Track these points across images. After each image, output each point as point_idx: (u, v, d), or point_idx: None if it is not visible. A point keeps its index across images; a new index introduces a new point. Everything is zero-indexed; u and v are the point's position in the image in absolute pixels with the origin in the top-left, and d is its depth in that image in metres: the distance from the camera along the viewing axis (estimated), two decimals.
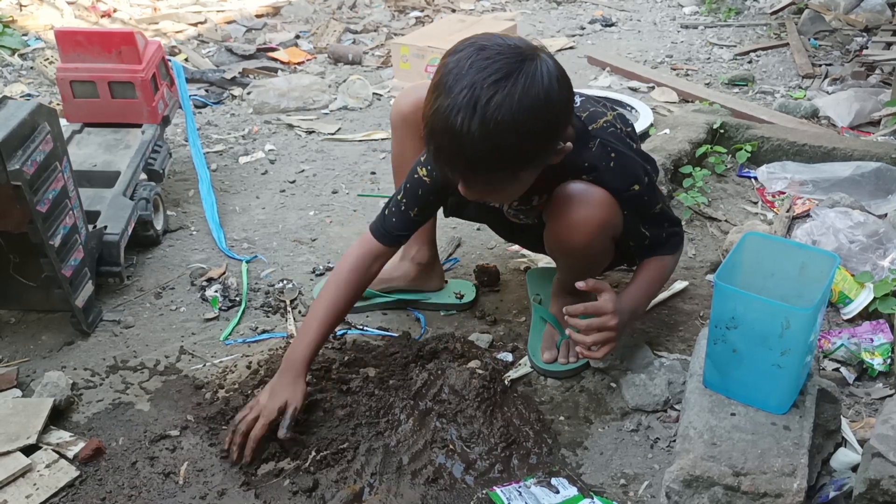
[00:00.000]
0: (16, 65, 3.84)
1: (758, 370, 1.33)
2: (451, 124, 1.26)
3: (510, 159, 1.33)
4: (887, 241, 2.05)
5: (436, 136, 1.31)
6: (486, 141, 1.27)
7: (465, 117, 1.25)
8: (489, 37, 1.32)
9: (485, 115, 1.25)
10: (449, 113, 1.26)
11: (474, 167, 1.33)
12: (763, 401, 1.36)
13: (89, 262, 1.92)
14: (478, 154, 1.29)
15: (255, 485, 1.49)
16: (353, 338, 1.90)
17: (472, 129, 1.25)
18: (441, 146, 1.32)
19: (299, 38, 4.27)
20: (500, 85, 1.25)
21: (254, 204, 2.56)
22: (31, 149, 1.66)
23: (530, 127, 1.28)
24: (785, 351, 1.29)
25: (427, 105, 1.32)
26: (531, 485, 1.47)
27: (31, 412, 1.61)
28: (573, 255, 1.63)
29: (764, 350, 1.31)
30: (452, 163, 1.35)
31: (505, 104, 1.25)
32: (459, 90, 1.25)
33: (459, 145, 1.28)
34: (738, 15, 4.51)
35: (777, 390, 1.34)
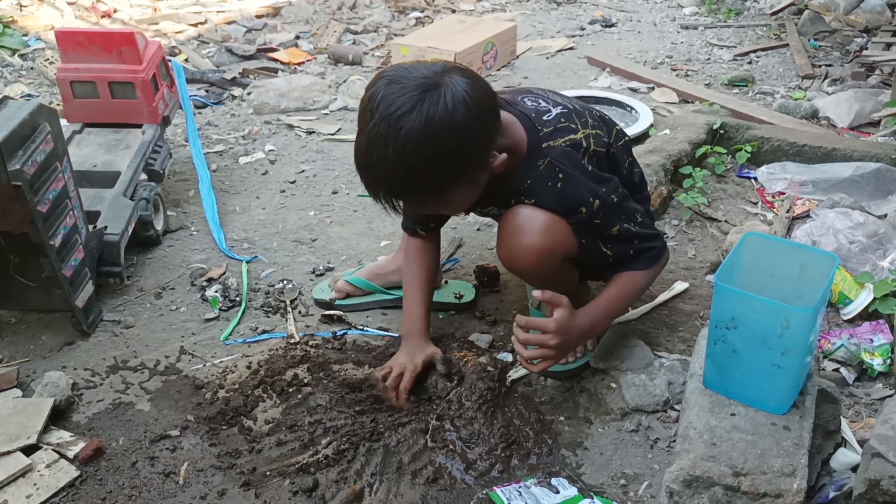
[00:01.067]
0: (16, 65, 3.84)
1: (757, 370, 1.33)
2: (367, 161, 1.38)
3: (425, 185, 1.41)
4: (887, 241, 2.06)
5: (359, 171, 1.42)
6: (399, 171, 1.37)
7: (378, 152, 1.35)
8: (402, 68, 1.40)
9: (394, 149, 1.34)
10: (366, 150, 1.37)
11: (398, 195, 1.44)
12: (763, 401, 1.36)
13: (90, 262, 1.93)
14: (395, 184, 1.40)
15: (255, 485, 1.49)
16: (353, 338, 1.90)
17: (383, 163, 1.36)
18: (365, 180, 1.43)
19: (299, 38, 4.27)
20: (403, 119, 1.33)
21: (254, 204, 2.56)
22: (31, 149, 1.66)
23: (436, 153, 1.36)
24: (785, 351, 1.29)
25: (355, 140, 1.42)
26: (531, 485, 1.47)
27: (32, 412, 1.61)
28: (524, 276, 1.68)
29: (764, 350, 1.31)
30: (379, 193, 1.43)
31: (410, 136, 1.33)
32: (372, 127, 1.35)
33: (376, 178, 1.40)
34: (738, 16, 4.52)
35: (777, 390, 1.34)
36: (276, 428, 1.62)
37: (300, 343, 1.87)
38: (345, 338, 1.89)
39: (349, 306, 1.99)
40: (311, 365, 1.78)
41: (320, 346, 1.86)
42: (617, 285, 1.64)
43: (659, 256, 1.66)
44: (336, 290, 1.99)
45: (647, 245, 1.63)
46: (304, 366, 1.78)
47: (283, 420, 1.64)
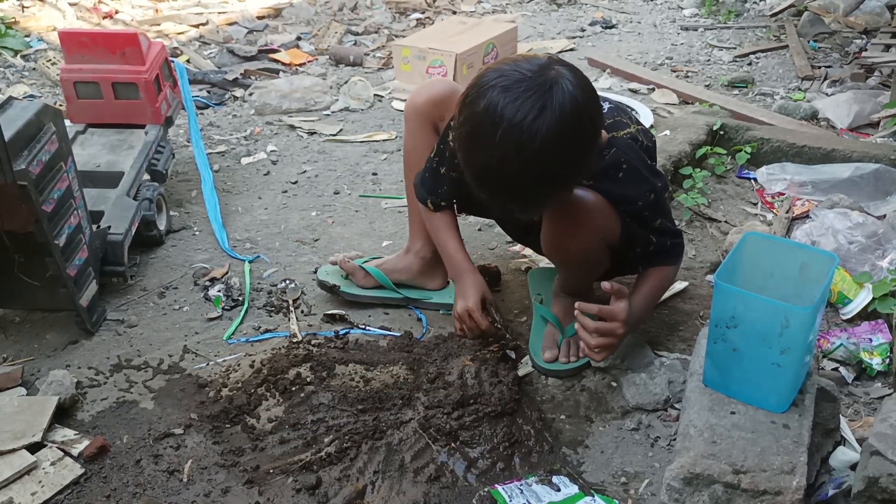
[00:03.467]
0: (18, 66, 3.85)
1: (757, 369, 1.34)
2: (503, 173, 1.32)
3: (563, 181, 1.39)
4: (886, 241, 2.07)
5: (490, 185, 1.37)
6: (539, 176, 1.33)
7: (516, 162, 1.30)
8: (502, 72, 1.33)
9: (533, 155, 1.29)
10: (499, 163, 1.31)
11: (534, 201, 1.40)
12: (762, 399, 1.37)
13: (93, 261, 1.94)
14: (534, 190, 1.36)
15: (258, 482, 1.50)
16: (355, 337, 1.91)
17: (524, 171, 1.31)
18: (497, 193, 1.38)
19: (301, 39, 4.28)
20: (536, 124, 1.28)
21: (256, 204, 2.57)
22: (36, 149, 1.67)
23: (574, 147, 1.34)
24: (784, 350, 1.30)
25: (470, 158, 1.36)
26: (533, 483, 1.48)
27: (36, 410, 1.62)
28: (568, 259, 1.67)
29: (763, 349, 1.32)
30: (511, 204, 1.41)
31: (548, 138, 1.28)
32: (501, 137, 1.29)
33: (516, 188, 1.35)
34: (738, 17, 4.53)
35: (776, 389, 1.35)
36: (279, 426, 1.63)
37: (303, 342, 1.88)
38: (347, 337, 1.90)
39: (354, 295, 1.99)
40: (314, 364, 1.79)
41: (323, 345, 1.87)
42: (653, 278, 1.69)
43: (682, 252, 1.74)
44: (346, 269, 1.99)
45: (677, 241, 1.70)
46: (306, 365, 1.79)
47: (286, 418, 1.65)
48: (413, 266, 1.98)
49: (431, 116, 1.84)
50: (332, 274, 2.02)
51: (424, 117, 1.85)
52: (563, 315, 1.82)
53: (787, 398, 1.36)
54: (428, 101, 1.83)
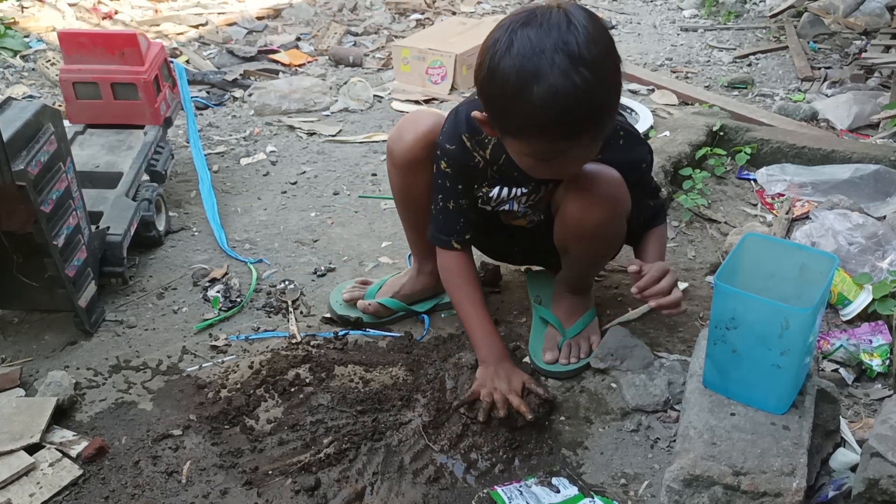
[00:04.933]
0: (17, 66, 3.85)
1: (757, 370, 1.34)
2: (571, 86, 1.26)
3: (618, 86, 1.36)
4: (886, 242, 2.06)
5: (563, 116, 1.29)
6: (603, 81, 1.30)
7: (576, 71, 1.26)
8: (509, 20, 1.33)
9: (586, 60, 1.26)
10: (562, 85, 1.26)
11: (606, 116, 1.35)
12: (762, 401, 1.36)
13: (92, 262, 1.93)
14: (604, 100, 1.32)
15: (257, 484, 1.50)
16: (355, 338, 1.90)
17: (587, 75, 1.26)
18: (572, 120, 1.30)
19: (300, 40, 4.28)
20: (570, 30, 1.27)
21: (255, 205, 2.57)
22: (35, 149, 1.67)
23: (609, 41, 1.33)
24: (784, 351, 1.30)
25: (525, 107, 1.29)
26: (532, 484, 1.47)
27: (35, 411, 1.62)
28: (588, 237, 1.61)
29: (763, 350, 1.31)
30: (587, 126, 1.33)
31: (588, 38, 1.27)
32: (551, 60, 1.26)
33: (590, 102, 1.29)
34: (738, 18, 4.53)
35: (776, 390, 1.35)
36: (278, 427, 1.63)
37: (302, 343, 1.88)
38: (346, 338, 1.90)
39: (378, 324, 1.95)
40: (313, 365, 1.78)
41: (322, 345, 1.87)
42: (657, 239, 1.73)
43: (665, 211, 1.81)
44: (370, 312, 1.92)
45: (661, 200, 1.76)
46: (305, 366, 1.78)
47: (285, 419, 1.65)
48: (429, 285, 1.95)
49: (428, 156, 1.69)
50: (351, 308, 1.96)
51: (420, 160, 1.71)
52: (565, 317, 1.81)
53: (787, 400, 1.36)
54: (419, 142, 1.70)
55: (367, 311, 1.92)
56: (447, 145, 1.63)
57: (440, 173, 1.66)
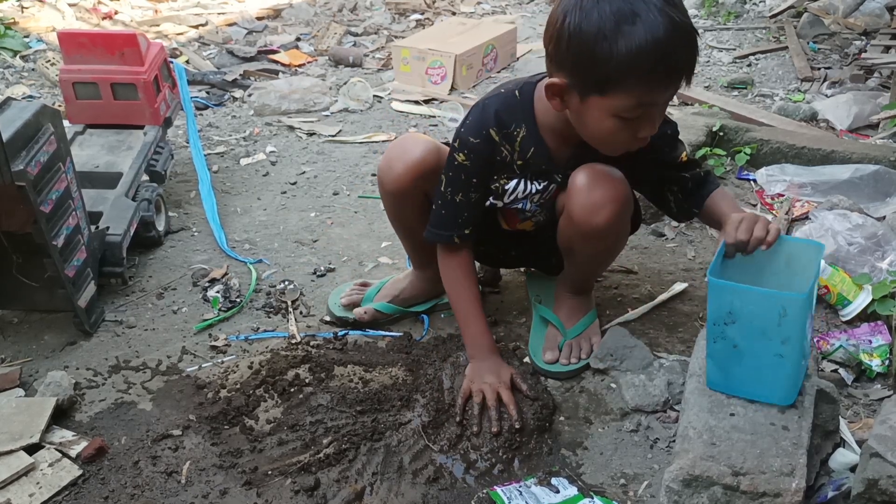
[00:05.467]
0: (17, 66, 3.85)
1: (760, 363, 1.33)
2: (671, 28, 1.29)
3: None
4: (886, 243, 2.06)
5: (667, 53, 1.31)
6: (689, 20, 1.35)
7: (671, 12, 1.30)
8: None
9: (676, 2, 1.32)
10: (663, 22, 1.29)
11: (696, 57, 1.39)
12: (769, 394, 1.35)
13: (92, 262, 1.93)
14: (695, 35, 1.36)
15: (256, 484, 1.50)
16: (354, 338, 1.90)
17: (681, 17, 1.32)
18: (675, 56, 1.33)
19: (300, 40, 4.28)
20: None
21: (255, 205, 2.57)
22: (35, 149, 1.67)
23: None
24: (785, 339, 1.29)
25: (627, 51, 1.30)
26: (531, 484, 1.47)
27: (34, 411, 1.62)
28: (595, 237, 1.60)
29: (764, 341, 1.31)
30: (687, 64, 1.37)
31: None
32: (647, 8, 1.29)
33: (688, 39, 1.34)
34: (738, 18, 4.53)
35: (782, 381, 1.34)
36: (277, 427, 1.63)
37: (301, 343, 1.88)
38: (346, 338, 1.90)
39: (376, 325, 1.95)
40: (313, 365, 1.78)
41: (321, 346, 1.87)
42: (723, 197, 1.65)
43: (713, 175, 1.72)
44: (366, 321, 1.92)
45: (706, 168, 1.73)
46: (305, 366, 1.78)
47: (285, 420, 1.65)
48: (428, 290, 1.96)
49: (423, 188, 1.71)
50: (346, 310, 1.96)
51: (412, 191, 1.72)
52: (567, 317, 1.81)
53: (794, 389, 1.35)
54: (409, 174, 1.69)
55: (363, 319, 1.92)
56: (471, 138, 1.60)
57: (453, 166, 1.63)
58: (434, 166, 1.68)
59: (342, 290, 2.01)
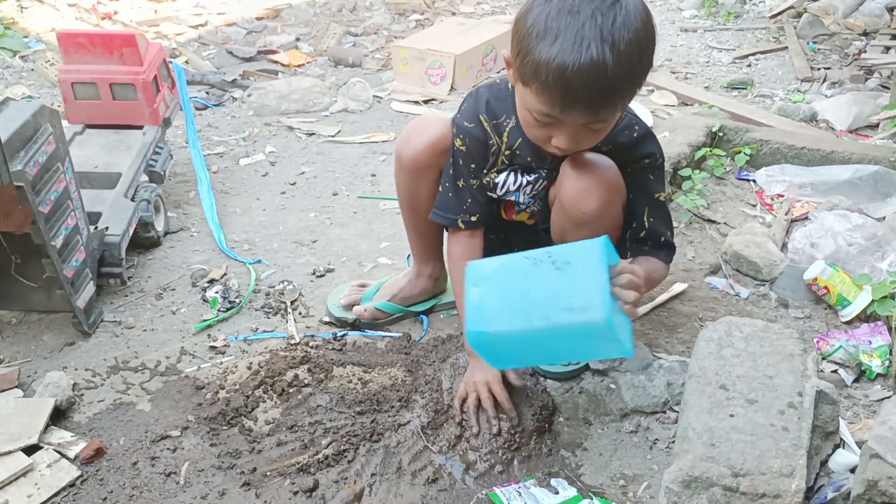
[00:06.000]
0: (17, 66, 3.85)
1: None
2: (584, 60, 1.26)
3: (636, 79, 1.35)
4: (885, 243, 2.06)
5: (567, 78, 1.28)
6: (620, 67, 1.28)
7: (597, 47, 1.26)
8: None
9: (613, 40, 1.26)
10: (580, 49, 1.26)
11: (611, 98, 1.33)
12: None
13: (91, 262, 1.93)
14: (613, 82, 1.30)
15: (255, 485, 1.50)
16: (353, 339, 1.90)
17: (606, 56, 1.26)
18: (574, 86, 1.29)
19: (300, 40, 4.28)
20: (615, 8, 1.27)
21: (254, 205, 2.56)
22: (33, 150, 1.67)
23: (647, 42, 1.32)
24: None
25: (538, 54, 1.29)
26: (531, 485, 1.47)
27: (33, 412, 1.62)
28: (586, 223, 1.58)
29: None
30: (586, 99, 1.32)
31: (627, 23, 1.27)
32: (580, 25, 1.26)
33: (596, 77, 1.28)
34: (738, 19, 4.53)
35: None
36: (276, 428, 1.63)
37: (300, 344, 1.87)
38: (345, 339, 1.90)
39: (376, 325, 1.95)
40: (312, 366, 1.78)
41: (320, 346, 1.86)
42: (650, 262, 1.64)
43: (671, 259, 1.71)
44: (366, 318, 1.93)
45: (670, 242, 1.69)
46: (304, 366, 1.78)
47: (284, 420, 1.65)
48: (429, 288, 1.96)
49: (439, 165, 1.72)
50: (345, 310, 1.96)
51: (427, 167, 1.73)
52: None
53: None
54: (427, 149, 1.71)
55: (363, 317, 1.92)
56: (465, 123, 1.63)
57: (455, 152, 1.67)
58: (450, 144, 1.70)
59: (341, 291, 2.01)
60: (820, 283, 1.94)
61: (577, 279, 1.28)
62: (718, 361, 1.48)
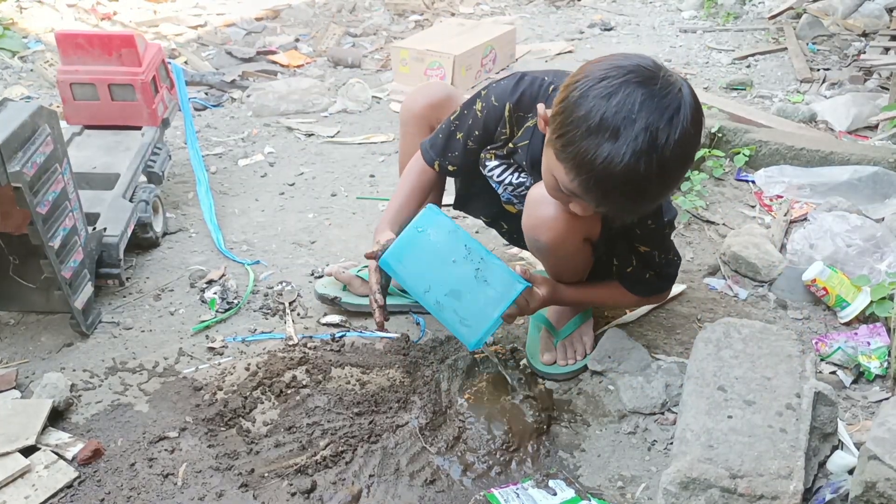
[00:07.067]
0: (15, 67, 3.84)
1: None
2: (632, 170, 1.24)
3: (675, 187, 1.38)
4: (884, 244, 2.06)
5: (609, 183, 1.27)
6: (664, 180, 1.29)
7: (647, 162, 1.24)
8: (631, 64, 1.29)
9: (664, 156, 1.25)
10: (629, 160, 1.23)
11: (646, 204, 1.36)
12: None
13: (89, 263, 1.93)
14: (653, 193, 1.31)
15: (253, 486, 1.50)
16: (351, 340, 1.90)
17: (653, 171, 1.25)
18: (614, 193, 1.29)
19: (299, 41, 4.28)
20: (673, 123, 1.25)
21: (253, 206, 2.56)
22: (31, 150, 1.67)
23: (694, 152, 1.32)
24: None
25: (586, 150, 1.26)
26: (529, 487, 1.47)
27: (31, 413, 1.62)
28: (542, 250, 1.62)
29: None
30: (623, 204, 1.33)
31: (681, 140, 1.26)
32: (635, 134, 1.23)
33: (639, 189, 1.28)
34: (737, 19, 4.53)
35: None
36: (274, 429, 1.63)
37: (298, 345, 1.87)
38: (343, 340, 1.90)
39: (356, 305, 1.97)
40: (310, 367, 1.78)
41: (319, 347, 1.86)
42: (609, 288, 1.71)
43: (660, 292, 1.75)
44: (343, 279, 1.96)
45: (659, 284, 1.71)
46: (302, 368, 1.78)
47: (282, 422, 1.64)
48: None
49: (429, 121, 1.83)
50: (330, 286, 2.00)
51: (422, 122, 1.84)
52: (556, 318, 1.82)
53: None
54: (426, 106, 1.83)
55: (340, 278, 1.97)
56: (493, 99, 1.63)
57: (472, 111, 1.67)
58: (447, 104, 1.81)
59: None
60: (819, 284, 1.94)
61: (480, 300, 1.51)
62: (717, 363, 1.48)
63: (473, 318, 1.51)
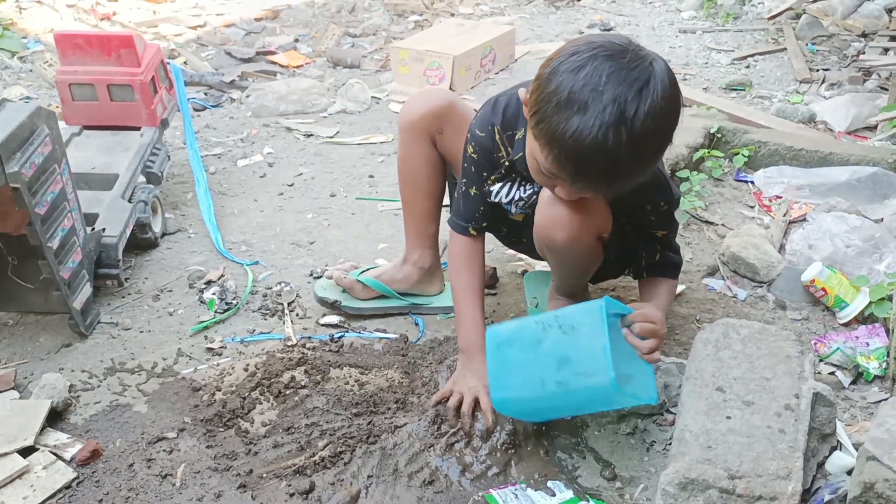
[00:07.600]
0: (15, 67, 3.84)
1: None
2: (600, 143, 1.23)
3: (651, 163, 1.34)
4: (883, 245, 2.06)
5: (580, 157, 1.26)
6: (637, 154, 1.26)
7: (616, 134, 1.22)
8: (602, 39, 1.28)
9: (633, 128, 1.23)
10: (597, 132, 1.22)
11: (620, 181, 1.32)
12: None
13: (88, 264, 1.93)
14: (626, 167, 1.28)
15: (251, 487, 1.50)
16: (350, 340, 1.90)
17: (623, 144, 1.23)
18: (585, 166, 1.28)
19: (298, 41, 4.28)
20: (642, 95, 1.23)
21: (252, 207, 2.56)
22: (30, 151, 1.67)
23: (669, 128, 1.30)
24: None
25: (556, 125, 1.26)
26: (527, 487, 1.47)
27: (29, 414, 1.61)
28: (557, 250, 1.61)
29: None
30: (596, 179, 1.31)
31: (651, 111, 1.23)
32: (603, 106, 1.22)
33: (610, 163, 1.26)
34: (736, 20, 4.53)
35: None
36: (272, 430, 1.63)
37: (297, 345, 1.87)
38: (342, 340, 1.90)
39: (356, 309, 1.97)
40: (308, 367, 1.78)
41: (317, 348, 1.86)
42: (665, 287, 1.69)
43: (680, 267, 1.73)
44: (344, 285, 1.95)
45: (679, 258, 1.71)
46: (301, 368, 1.78)
47: (280, 422, 1.64)
48: (412, 276, 1.96)
49: (429, 130, 1.80)
50: (330, 288, 1.98)
51: (421, 132, 1.80)
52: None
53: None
54: (425, 115, 1.78)
55: (342, 284, 1.95)
56: (478, 131, 1.63)
57: (467, 158, 1.67)
58: (447, 113, 1.78)
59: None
60: (817, 284, 1.94)
61: (582, 344, 1.38)
62: (715, 363, 1.48)
63: (591, 363, 1.35)
